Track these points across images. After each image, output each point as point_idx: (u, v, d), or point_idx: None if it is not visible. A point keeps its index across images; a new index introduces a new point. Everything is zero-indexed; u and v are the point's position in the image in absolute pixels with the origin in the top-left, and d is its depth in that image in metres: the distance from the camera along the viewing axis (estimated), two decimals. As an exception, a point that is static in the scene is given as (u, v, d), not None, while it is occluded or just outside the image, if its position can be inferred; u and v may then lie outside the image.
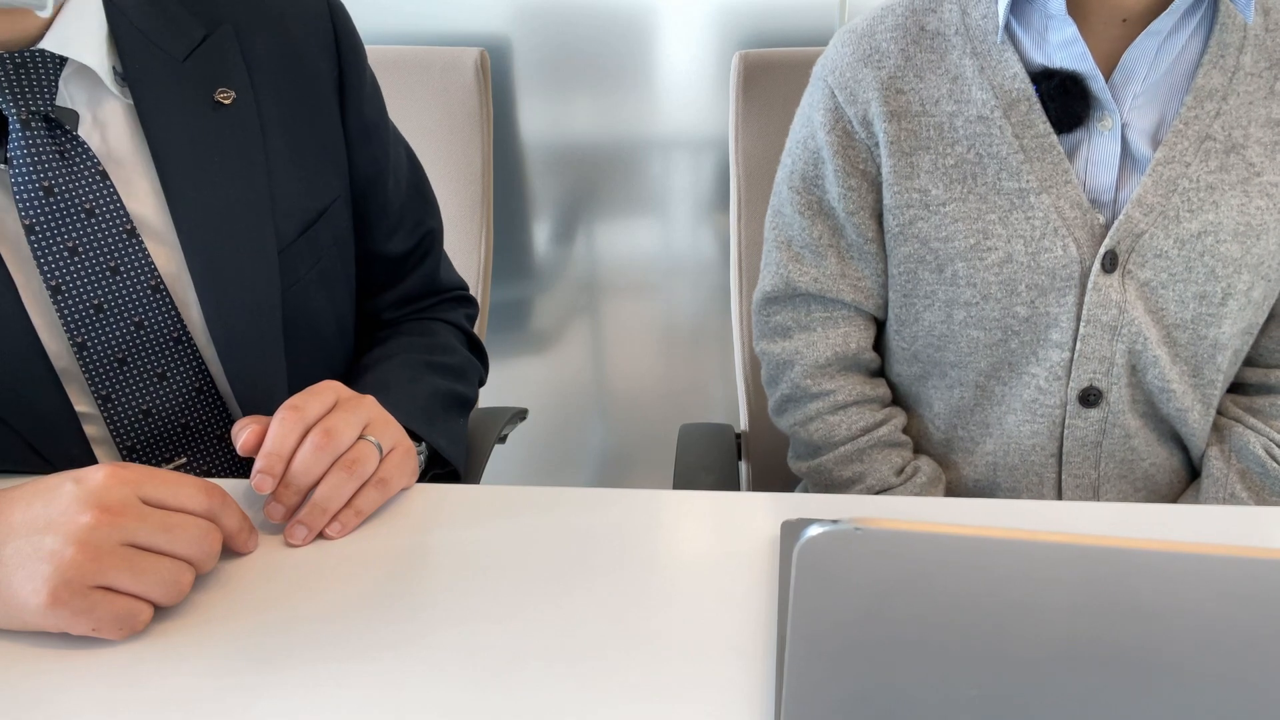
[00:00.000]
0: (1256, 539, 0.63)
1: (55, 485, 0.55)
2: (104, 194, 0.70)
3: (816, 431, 0.92)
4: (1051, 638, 0.37)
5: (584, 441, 1.97)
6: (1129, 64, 0.77)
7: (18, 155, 0.67)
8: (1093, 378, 0.83)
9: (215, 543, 0.58)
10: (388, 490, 0.67)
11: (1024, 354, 0.84)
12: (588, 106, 1.69)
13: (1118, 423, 0.85)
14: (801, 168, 0.90)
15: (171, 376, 0.75)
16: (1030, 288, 0.81)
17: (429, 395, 0.83)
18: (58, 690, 0.51)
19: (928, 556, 0.36)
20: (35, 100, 0.67)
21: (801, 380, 0.92)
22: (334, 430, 0.65)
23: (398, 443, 0.69)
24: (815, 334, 0.92)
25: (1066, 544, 0.35)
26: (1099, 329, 0.81)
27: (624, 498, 0.68)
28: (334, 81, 0.82)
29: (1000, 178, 0.80)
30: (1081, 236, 0.80)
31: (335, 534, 0.64)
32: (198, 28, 0.75)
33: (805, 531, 0.36)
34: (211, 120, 0.74)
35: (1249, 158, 0.78)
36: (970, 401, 0.89)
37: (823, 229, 0.89)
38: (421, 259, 0.95)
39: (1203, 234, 0.78)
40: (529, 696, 0.50)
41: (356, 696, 0.50)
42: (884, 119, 0.82)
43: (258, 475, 0.62)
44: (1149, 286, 0.80)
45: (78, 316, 0.70)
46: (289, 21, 0.80)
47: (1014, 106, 0.79)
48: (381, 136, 0.88)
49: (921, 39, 0.83)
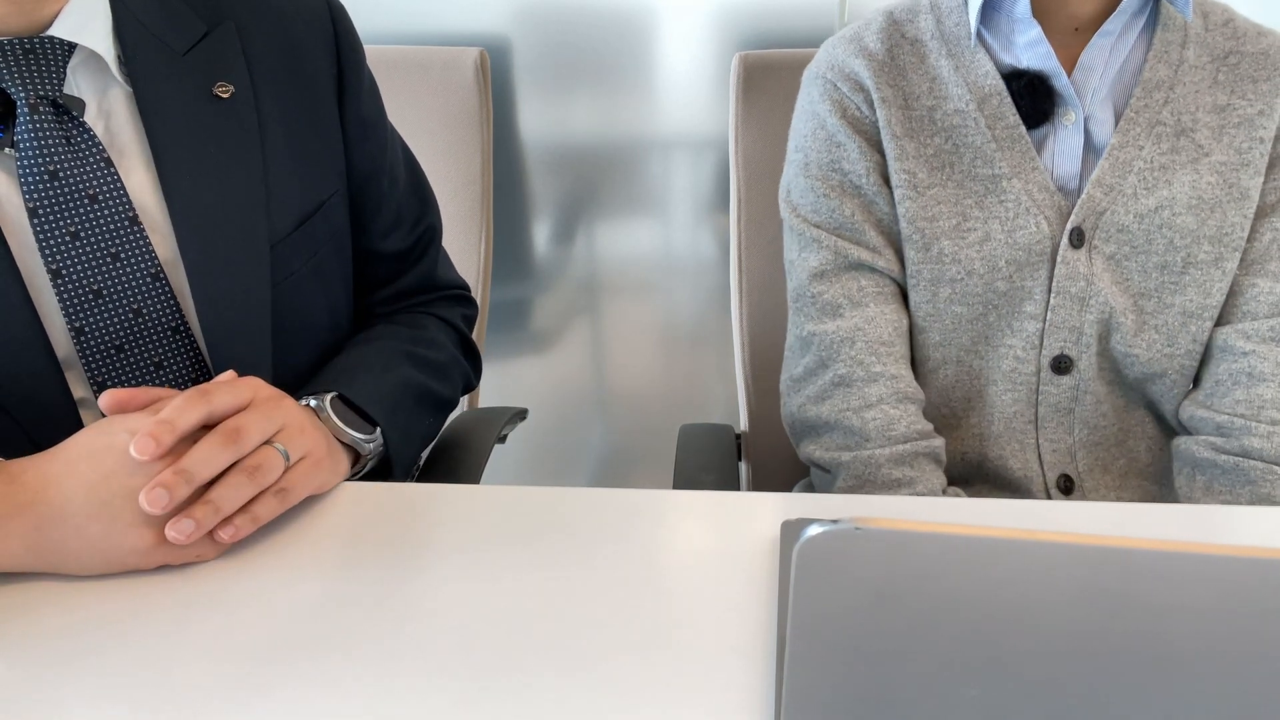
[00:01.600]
0: (1256, 539, 0.63)
1: (107, 431, 0.60)
2: (108, 180, 0.71)
3: (873, 420, 0.88)
4: (1051, 638, 0.37)
5: (584, 441, 1.97)
6: (1087, 63, 0.86)
7: (24, 139, 0.68)
8: (1063, 346, 0.89)
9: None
10: (288, 500, 0.65)
11: (1000, 326, 0.90)
12: (588, 106, 1.69)
13: (1089, 389, 0.91)
14: (816, 157, 0.92)
15: (168, 365, 0.76)
16: (1009, 263, 0.87)
17: (397, 385, 0.82)
18: (57, 690, 0.51)
19: (928, 556, 0.36)
20: (44, 85, 0.68)
21: (865, 357, 0.89)
22: (241, 430, 0.62)
23: (309, 452, 0.67)
24: (870, 309, 0.90)
25: (1066, 544, 0.35)
26: (1068, 300, 0.88)
27: (624, 498, 0.68)
28: (333, 79, 0.83)
29: (975, 165, 0.88)
30: (1051, 215, 0.87)
31: (227, 537, 0.61)
32: (199, 24, 0.77)
33: (805, 531, 0.36)
34: (209, 113, 0.75)
35: (1198, 140, 0.86)
36: (953, 378, 0.93)
37: (853, 206, 0.91)
38: (420, 256, 0.96)
39: (1159, 208, 0.86)
40: (529, 696, 0.50)
41: (356, 696, 0.50)
42: (880, 104, 0.89)
43: (142, 438, 0.58)
44: (1114, 259, 0.87)
45: (77, 301, 0.71)
46: (289, 20, 0.81)
47: (986, 101, 0.88)
48: (379, 135, 0.89)
49: (903, 44, 0.91)
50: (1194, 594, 0.35)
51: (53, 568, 0.58)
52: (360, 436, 0.75)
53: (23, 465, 0.59)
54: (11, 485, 0.58)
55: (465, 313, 1.01)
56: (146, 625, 0.55)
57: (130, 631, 0.55)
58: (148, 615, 0.56)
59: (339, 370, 0.81)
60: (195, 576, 0.60)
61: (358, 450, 0.75)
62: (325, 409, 0.74)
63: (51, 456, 0.60)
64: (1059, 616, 0.36)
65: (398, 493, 0.69)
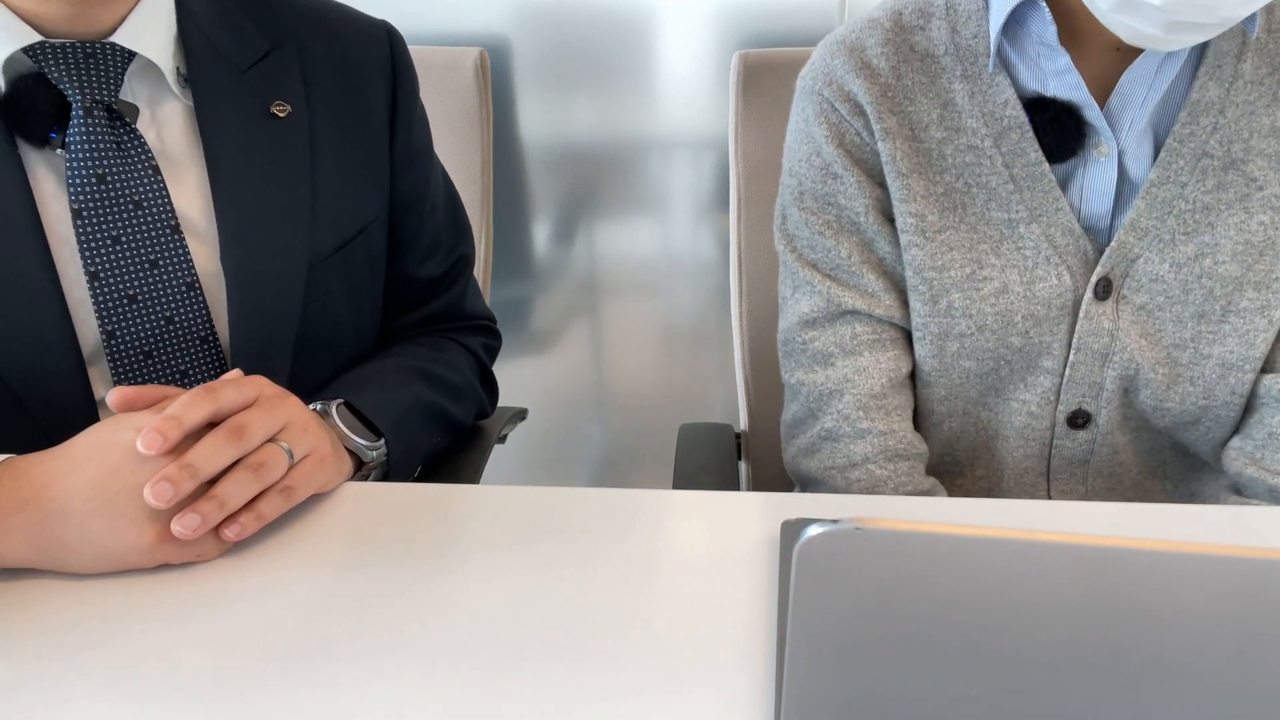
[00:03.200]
0: (1256, 539, 0.63)
1: (113, 428, 0.60)
2: (154, 188, 0.72)
3: (858, 482, 0.82)
4: (1051, 638, 0.37)
5: (584, 441, 1.97)
6: (1126, 89, 0.75)
7: (76, 140, 0.69)
8: (1081, 401, 0.82)
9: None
10: (292, 498, 0.65)
11: (1014, 381, 0.82)
12: (588, 106, 1.69)
13: (1106, 442, 0.83)
14: (811, 187, 0.84)
15: (194, 374, 0.77)
16: (1026, 318, 0.79)
17: (406, 400, 0.82)
18: (59, 686, 0.51)
19: (928, 556, 0.36)
20: (100, 90, 0.70)
21: (852, 412, 0.83)
22: (246, 427, 0.62)
23: (313, 450, 0.67)
24: (864, 358, 0.83)
25: (1066, 544, 0.35)
26: (1089, 356, 0.80)
27: (624, 498, 0.67)
28: (387, 108, 0.85)
29: (989, 208, 0.79)
30: (1074, 264, 0.78)
31: (233, 535, 0.61)
32: (263, 42, 0.78)
33: (805, 531, 0.36)
34: (265, 130, 0.77)
35: (1250, 172, 0.75)
36: (958, 430, 0.86)
37: (850, 246, 0.83)
38: (450, 284, 0.96)
39: (1199, 256, 0.76)
40: (528, 697, 0.50)
41: (357, 695, 0.50)
42: (881, 136, 0.80)
43: (149, 433, 0.58)
44: (1145, 310, 0.78)
45: (111, 305, 0.72)
46: (349, 45, 0.83)
47: (1005, 135, 0.77)
48: (425, 165, 0.90)
49: (911, 59, 0.80)
50: (1194, 594, 0.35)
51: (55, 564, 0.58)
52: (364, 444, 0.75)
53: (29, 461, 0.60)
54: (16, 481, 0.58)
55: (488, 343, 1.01)
56: (149, 622, 0.55)
57: (132, 629, 0.55)
58: (150, 612, 0.56)
59: (349, 381, 0.81)
60: (197, 575, 0.60)
61: (361, 457, 0.75)
62: (331, 413, 0.74)
63: (57, 453, 0.60)
64: (1059, 616, 0.36)
65: (398, 493, 0.69)
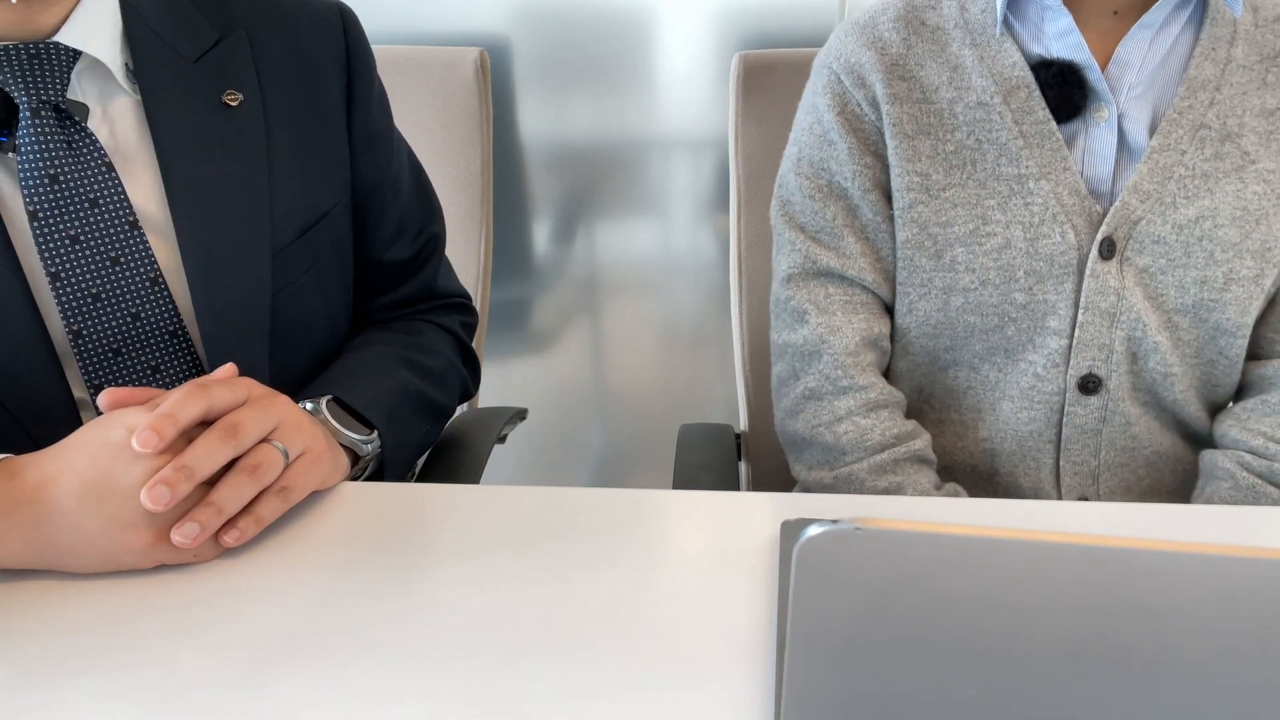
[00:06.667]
0: (1256, 539, 0.63)
1: (105, 428, 0.59)
2: (108, 185, 0.71)
3: (846, 434, 0.86)
4: (1051, 638, 0.37)
5: (584, 441, 1.97)
6: (1123, 56, 0.80)
7: (26, 142, 0.68)
8: (1092, 365, 0.84)
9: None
10: (290, 498, 0.64)
11: (1021, 341, 0.85)
12: (588, 106, 1.69)
13: (1118, 410, 0.85)
14: (809, 153, 0.89)
15: (165, 369, 0.76)
16: (1029, 274, 0.82)
17: (393, 390, 0.82)
18: (58, 688, 0.51)
19: (928, 556, 0.36)
20: (46, 91, 0.69)
21: (832, 371, 0.87)
22: (239, 427, 0.62)
23: (307, 448, 0.66)
24: (836, 318, 0.88)
25: (1066, 544, 0.35)
26: (1097, 315, 0.82)
27: (624, 498, 0.68)
28: (342, 89, 0.83)
29: (1000, 163, 0.82)
30: (1079, 223, 0.81)
31: (233, 541, 0.60)
32: (211, 31, 0.77)
33: (805, 531, 0.36)
34: (218, 121, 0.76)
35: (1244, 146, 0.80)
36: (964, 386, 0.89)
37: (835, 210, 0.88)
38: (421, 266, 0.95)
39: (1200, 219, 0.80)
40: (528, 696, 0.50)
41: (357, 695, 0.50)
42: (888, 101, 0.84)
43: (144, 431, 0.58)
44: (1148, 273, 0.81)
45: (75, 304, 0.71)
46: (301, 28, 0.82)
47: (1013, 93, 0.81)
48: (386, 145, 0.89)
49: (922, 31, 0.85)
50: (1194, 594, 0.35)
51: (51, 565, 0.58)
52: (358, 438, 0.75)
53: (22, 462, 0.60)
54: (11, 482, 0.58)
55: (465, 321, 1.00)
56: (147, 623, 0.55)
57: (130, 629, 0.55)
58: (148, 613, 0.56)
59: (335, 375, 0.81)
60: (195, 575, 0.60)
61: (356, 452, 0.75)
62: (322, 411, 0.74)
63: (50, 454, 0.60)
64: (1059, 616, 0.36)
65: (398, 493, 0.69)
